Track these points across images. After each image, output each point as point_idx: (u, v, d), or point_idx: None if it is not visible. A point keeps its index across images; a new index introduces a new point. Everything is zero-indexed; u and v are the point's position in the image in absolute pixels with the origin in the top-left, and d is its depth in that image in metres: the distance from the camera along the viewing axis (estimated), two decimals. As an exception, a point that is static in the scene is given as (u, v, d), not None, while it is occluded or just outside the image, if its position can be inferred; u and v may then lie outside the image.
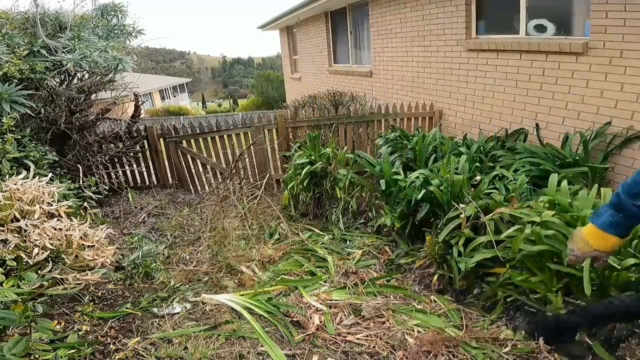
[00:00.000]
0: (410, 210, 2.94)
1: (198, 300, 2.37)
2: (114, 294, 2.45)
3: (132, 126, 4.55)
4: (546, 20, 3.76)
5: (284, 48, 12.80)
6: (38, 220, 1.41)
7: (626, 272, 1.80)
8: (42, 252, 1.28)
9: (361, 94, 7.30)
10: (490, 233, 2.28)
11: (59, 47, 3.48)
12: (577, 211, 2.14)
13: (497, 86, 4.25)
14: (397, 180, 3.07)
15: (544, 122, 3.73)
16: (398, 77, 6.28)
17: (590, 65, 3.22)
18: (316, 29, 9.37)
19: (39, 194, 1.46)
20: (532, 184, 2.89)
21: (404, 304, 2.37)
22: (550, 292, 2.01)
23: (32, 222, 1.37)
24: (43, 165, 2.96)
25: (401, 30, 5.92)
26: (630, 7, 2.86)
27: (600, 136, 3.13)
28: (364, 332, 2.07)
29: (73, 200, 2.87)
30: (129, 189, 4.51)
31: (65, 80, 3.97)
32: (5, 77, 3.04)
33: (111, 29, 4.13)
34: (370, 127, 5.09)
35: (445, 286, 2.54)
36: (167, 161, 4.81)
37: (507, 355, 1.90)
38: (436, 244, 2.59)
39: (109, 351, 1.90)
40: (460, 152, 3.41)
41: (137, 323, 2.14)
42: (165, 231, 3.52)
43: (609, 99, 3.12)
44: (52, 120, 3.62)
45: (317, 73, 9.89)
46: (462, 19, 4.56)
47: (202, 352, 1.86)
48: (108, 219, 3.79)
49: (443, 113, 5.22)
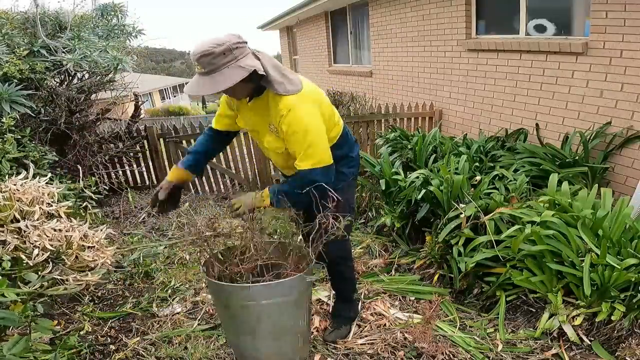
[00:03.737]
0: (410, 210, 2.94)
1: (198, 300, 2.37)
2: (114, 294, 2.45)
3: (132, 126, 4.54)
4: (546, 20, 3.76)
5: (284, 48, 12.80)
6: (38, 221, 1.40)
7: (626, 272, 1.81)
8: (42, 254, 1.28)
9: (361, 94, 7.29)
10: (490, 233, 2.28)
11: (59, 47, 3.48)
12: (577, 211, 2.14)
13: (497, 86, 4.25)
14: (397, 180, 3.07)
15: (544, 122, 3.72)
16: (398, 77, 6.28)
17: (590, 65, 3.22)
18: (316, 29, 9.37)
19: (39, 194, 1.46)
20: (532, 184, 2.89)
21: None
22: (550, 292, 2.01)
23: (31, 223, 1.36)
24: (43, 165, 2.96)
25: (401, 30, 5.92)
26: (630, 7, 2.86)
27: (600, 136, 3.13)
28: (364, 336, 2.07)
29: (73, 201, 2.87)
30: (129, 189, 4.51)
31: (65, 80, 3.97)
32: (5, 77, 3.04)
33: (111, 29, 4.13)
34: (370, 127, 5.08)
35: (445, 286, 2.54)
36: (167, 161, 4.81)
37: (505, 354, 1.90)
38: (436, 244, 2.60)
39: (109, 351, 1.90)
40: (460, 152, 3.41)
41: (137, 323, 2.15)
42: (165, 231, 3.52)
43: (609, 99, 3.12)
44: (52, 120, 3.62)
45: (317, 73, 9.88)
46: (462, 19, 4.56)
47: (202, 352, 1.86)
48: (108, 219, 3.79)
49: (443, 113, 5.22)
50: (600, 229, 2.04)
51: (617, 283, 1.83)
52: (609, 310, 1.83)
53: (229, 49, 1.46)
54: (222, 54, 1.45)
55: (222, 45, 1.44)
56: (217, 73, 1.46)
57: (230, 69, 1.46)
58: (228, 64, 1.46)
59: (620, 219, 2.07)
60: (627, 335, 1.82)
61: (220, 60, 1.45)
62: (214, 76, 1.47)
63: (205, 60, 1.45)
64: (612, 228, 2.06)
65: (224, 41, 1.46)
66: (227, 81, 1.45)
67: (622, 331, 1.83)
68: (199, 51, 1.45)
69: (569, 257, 1.98)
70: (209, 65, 1.46)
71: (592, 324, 1.91)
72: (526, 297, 2.17)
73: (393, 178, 3.14)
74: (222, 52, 1.44)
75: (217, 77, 1.46)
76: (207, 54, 1.44)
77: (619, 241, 2.01)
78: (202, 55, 1.44)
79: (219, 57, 1.45)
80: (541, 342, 1.96)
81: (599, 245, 1.95)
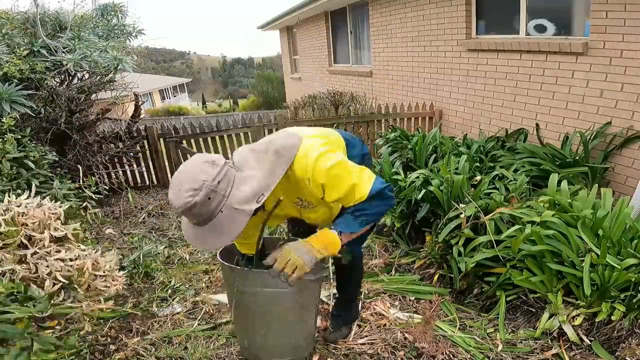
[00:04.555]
0: (411, 210, 2.94)
1: (198, 300, 2.37)
2: (114, 294, 2.45)
3: (132, 126, 4.55)
4: (546, 20, 3.76)
5: (284, 48, 12.81)
6: (47, 248, 1.35)
7: (626, 272, 1.81)
8: (54, 284, 1.25)
9: (361, 94, 7.29)
10: (490, 233, 2.28)
11: (59, 47, 3.48)
12: (577, 211, 2.14)
13: (497, 86, 4.25)
14: (397, 180, 3.07)
15: (544, 122, 3.73)
16: (398, 77, 6.28)
17: (590, 65, 3.22)
18: (316, 29, 9.37)
19: (45, 217, 1.40)
20: (532, 184, 2.89)
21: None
22: (550, 292, 2.01)
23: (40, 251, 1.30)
24: (43, 165, 2.96)
25: (401, 30, 5.92)
26: (630, 7, 2.86)
27: (600, 136, 3.13)
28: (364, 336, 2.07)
29: (73, 200, 2.87)
30: (129, 189, 4.51)
31: (66, 80, 3.97)
32: (5, 77, 3.05)
33: (111, 29, 4.14)
34: (370, 127, 5.09)
35: (445, 286, 2.54)
36: (167, 161, 4.81)
37: (505, 354, 1.90)
38: (436, 244, 2.59)
39: (109, 351, 1.90)
40: (460, 152, 3.41)
41: (137, 323, 2.15)
42: (165, 231, 3.52)
43: (609, 99, 3.12)
44: (52, 120, 3.62)
45: (317, 73, 9.89)
46: (462, 19, 4.56)
47: (202, 352, 1.86)
48: (108, 218, 3.80)
49: (443, 113, 5.22)
50: (600, 229, 2.04)
51: (617, 283, 1.83)
52: (609, 310, 1.82)
53: (212, 189, 1.20)
54: (207, 200, 1.19)
55: (201, 190, 1.18)
56: (213, 221, 1.23)
57: (226, 213, 1.23)
58: (220, 208, 1.22)
59: (620, 219, 2.07)
60: (627, 335, 1.82)
61: (208, 206, 1.20)
62: (211, 225, 1.24)
63: (193, 212, 1.20)
64: (612, 228, 2.06)
65: (200, 184, 1.18)
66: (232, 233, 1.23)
67: (622, 331, 1.83)
68: (179, 205, 1.19)
69: (569, 257, 1.98)
70: (199, 217, 1.22)
71: (592, 324, 1.91)
72: (526, 297, 2.17)
73: (393, 178, 3.14)
74: (206, 197, 1.19)
75: (219, 228, 1.23)
76: (191, 206, 1.18)
77: (619, 241, 2.01)
78: (187, 209, 1.19)
79: (206, 205, 1.20)
80: (541, 342, 1.96)
81: (599, 245, 1.95)
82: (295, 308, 1.65)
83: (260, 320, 1.63)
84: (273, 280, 1.35)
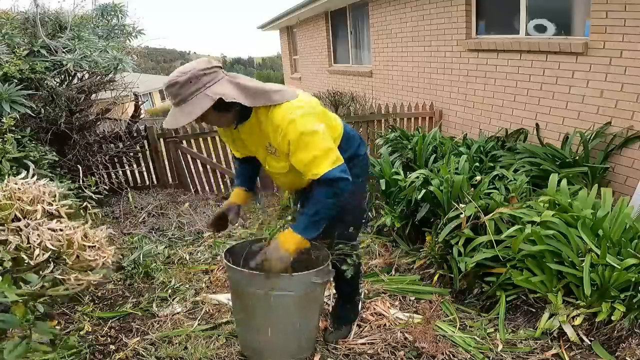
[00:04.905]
0: (410, 210, 2.94)
1: (198, 300, 2.37)
2: (114, 294, 2.45)
3: (132, 126, 4.54)
4: (546, 20, 3.76)
5: (284, 48, 12.81)
6: (39, 220, 1.40)
7: (626, 272, 1.81)
8: (43, 254, 1.28)
9: (361, 94, 7.29)
10: (490, 233, 2.28)
11: (59, 47, 3.48)
12: (577, 211, 2.14)
13: (497, 86, 4.25)
14: (397, 180, 3.07)
15: (544, 122, 3.72)
16: (398, 77, 6.28)
17: (590, 65, 3.22)
18: (316, 29, 9.37)
19: (39, 193, 1.45)
20: (532, 184, 2.89)
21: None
22: (551, 292, 2.01)
23: (33, 223, 1.36)
24: (43, 165, 2.96)
25: (401, 30, 5.92)
26: (630, 7, 2.86)
27: (600, 136, 3.13)
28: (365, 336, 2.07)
29: (73, 200, 2.87)
30: (129, 189, 4.51)
31: (65, 80, 3.97)
32: (5, 77, 3.04)
33: (111, 29, 4.14)
34: (370, 127, 5.08)
35: (445, 286, 2.54)
36: (167, 161, 4.81)
37: (505, 354, 1.90)
38: (436, 244, 2.60)
39: (109, 351, 1.90)
40: (460, 152, 3.41)
41: (137, 323, 2.15)
42: (165, 231, 3.52)
43: (609, 99, 3.12)
44: (52, 120, 3.62)
45: (317, 73, 9.89)
46: (462, 19, 4.56)
47: (202, 352, 1.86)
48: (108, 219, 3.79)
49: (443, 113, 5.22)
50: (600, 229, 2.04)
51: (617, 283, 1.83)
52: (609, 310, 1.82)
53: (195, 76, 1.38)
54: (188, 82, 1.38)
55: (187, 74, 1.38)
56: (186, 104, 1.40)
57: (197, 98, 1.39)
58: (195, 93, 1.39)
59: (620, 219, 2.07)
60: (627, 335, 1.82)
61: (187, 89, 1.38)
62: (182, 107, 1.40)
63: (173, 90, 1.39)
64: (612, 228, 2.06)
65: (189, 69, 1.39)
66: (193, 113, 1.39)
67: (622, 331, 1.83)
68: (167, 80, 1.40)
69: (569, 257, 1.98)
70: (177, 96, 1.40)
71: (592, 324, 1.91)
72: (526, 297, 2.17)
73: (393, 178, 3.14)
74: (187, 81, 1.38)
75: (186, 108, 1.40)
76: (173, 83, 1.38)
77: (619, 241, 2.01)
78: (169, 86, 1.40)
79: (185, 87, 1.38)
80: (541, 342, 1.96)
81: (599, 245, 1.95)
82: (301, 310, 1.66)
83: (265, 321, 1.64)
84: (282, 284, 1.45)
